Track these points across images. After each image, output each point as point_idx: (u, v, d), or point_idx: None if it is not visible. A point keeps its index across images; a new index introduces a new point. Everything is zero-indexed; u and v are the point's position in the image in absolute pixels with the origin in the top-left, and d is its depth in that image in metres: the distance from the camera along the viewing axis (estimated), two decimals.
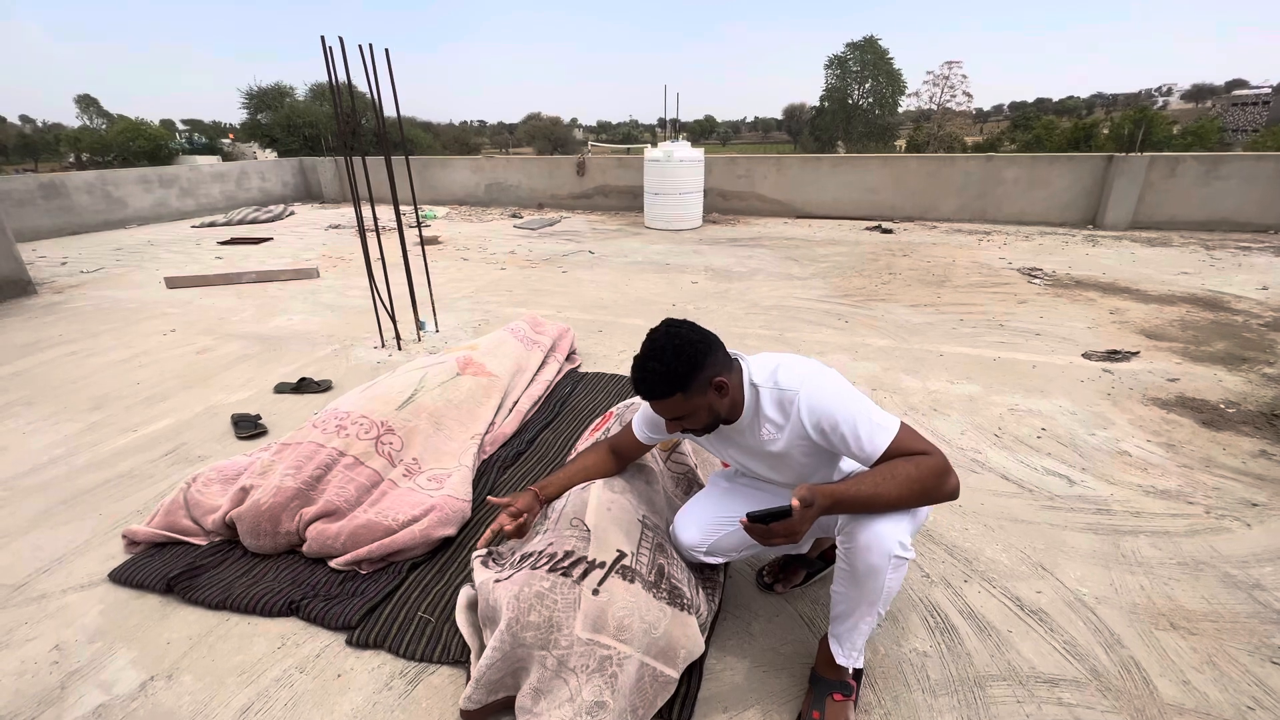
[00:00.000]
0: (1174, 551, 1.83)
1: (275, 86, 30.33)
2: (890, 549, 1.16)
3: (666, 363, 1.20)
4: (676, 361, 1.20)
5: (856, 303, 4.51)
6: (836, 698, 1.30)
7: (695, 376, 1.22)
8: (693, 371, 1.21)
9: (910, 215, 8.65)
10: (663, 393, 1.23)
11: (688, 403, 1.24)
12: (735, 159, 9.59)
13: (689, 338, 1.24)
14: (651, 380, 1.22)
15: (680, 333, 1.25)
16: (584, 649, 1.24)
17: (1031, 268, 5.52)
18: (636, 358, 1.25)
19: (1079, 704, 1.35)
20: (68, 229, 8.33)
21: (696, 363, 1.22)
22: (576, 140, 56.57)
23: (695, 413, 1.27)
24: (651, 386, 1.23)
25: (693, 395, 1.23)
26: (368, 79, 3.15)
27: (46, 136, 49.66)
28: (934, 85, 41.84)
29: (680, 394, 1.23)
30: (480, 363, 2.69)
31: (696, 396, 1.24)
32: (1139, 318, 4.06)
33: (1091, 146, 25.69)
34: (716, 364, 1.26)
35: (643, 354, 1.24)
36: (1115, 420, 2.65)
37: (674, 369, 1.20)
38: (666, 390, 1.22)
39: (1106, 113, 62.40)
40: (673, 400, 1.24)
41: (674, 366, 1.20)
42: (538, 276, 5.49)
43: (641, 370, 1.23)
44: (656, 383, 1.22)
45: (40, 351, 3.70)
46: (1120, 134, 24.50)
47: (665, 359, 1.21)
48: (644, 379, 1.23)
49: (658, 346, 1.23)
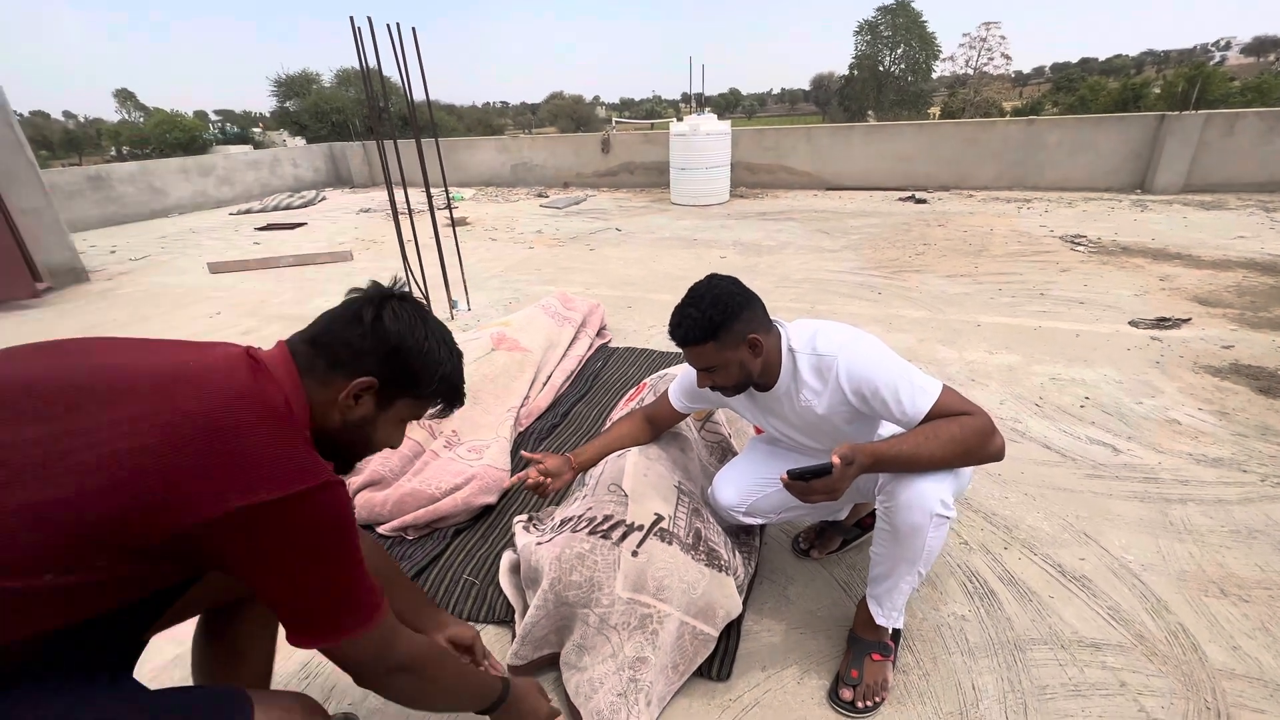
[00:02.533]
0: (1226, 519, 1.77)
1: (302, 73, 30.71)
2: (932, 507, 1.15)
3: (703, 310, 1.22)
4: (713, 310, 1.22)
5: (889, 274, 4.42)
6: (875, 658, 1.31)
7: (729, 327, 1.23)
8: (727, 321, 1.23)
9: (945, 184, 8.38)
10: (696, 338, 1.24)
11: (719, 354, 1.25)
12: (763, 131, 9.40)
13: (729, 289, 1.26)
14: (687, 325, 1.24)
15: (721, 284, 1.27)
16: (625, 607, 1.28)
17: (1075, 235, 5.31)
18: (678, 306, 1.28)
19: (1124, 667, 1.34)
20: (114, 219, 8.65)
21: (732, 314, 1.23)
22: (599, 118, 56.06)
23: (727, 366, 1.28)
24: (686, 331, 1.24)
25: (725, 347, 1.25)
26: (396, 60, 3.17)
27: (89, 131, 51.40)
28: (970, 48, 40.08)
29: (713, 343, 1.24)
30: (513, 339, 2.73)
31: (729, 350, 1.25)
32: (1191, 284, 3.88)
33: (1141, 108, 24.35)
34: (753, 321, 1.27)
35: (683, 301, 1.27)
36: (1164, 388, 2.56)
37: (710, 316, 1.22)
38: (700, 336, 1.24)
39: (1158, 71, 58.92)
40: (705, 348, 1.25)
41: (710, 314, 1.22)
42: (566, 255, 5.51)
43: (680, 314, 1.26)
44: (691, 327, 1.24)
45: (97, 334, 3.88)
46: (1173, 92, 23.11)
47: (702, 306, 1.23)
48: (680, 323, 1.25)
49: (697, 294, 1.25)
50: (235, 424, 0.65)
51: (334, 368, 0.79)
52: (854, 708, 1.26)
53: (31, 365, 0.67)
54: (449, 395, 0.91)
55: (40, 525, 0.57)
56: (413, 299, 0.88)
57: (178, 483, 0.61)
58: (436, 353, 0.85)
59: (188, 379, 0.67)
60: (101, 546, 0.59)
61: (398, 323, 0.81)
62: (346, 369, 0.79)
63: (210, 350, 0.75)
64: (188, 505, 0.61)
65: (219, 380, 0.68)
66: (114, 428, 0.61)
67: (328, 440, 0.80)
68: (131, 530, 0.60)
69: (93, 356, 0.69)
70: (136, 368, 0.68)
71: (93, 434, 0.60)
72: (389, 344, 0.80)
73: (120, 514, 0.59)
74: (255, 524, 0.63)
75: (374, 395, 0.81)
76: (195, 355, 0.73)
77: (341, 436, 0.81)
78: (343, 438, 0.82)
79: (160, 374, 0.67)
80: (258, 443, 0.65)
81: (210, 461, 0.62)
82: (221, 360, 0.72)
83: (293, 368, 0.77)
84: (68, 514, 0.58)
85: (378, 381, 0.80)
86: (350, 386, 0.78)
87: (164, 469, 0.61)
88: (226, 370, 0.70)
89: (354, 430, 0.82)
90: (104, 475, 0.59)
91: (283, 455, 0.67)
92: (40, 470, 0.58)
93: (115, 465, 0.59)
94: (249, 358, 0.74)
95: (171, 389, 0.65)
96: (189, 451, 0.62)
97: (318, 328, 0.82)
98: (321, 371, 0.78)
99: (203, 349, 0.76)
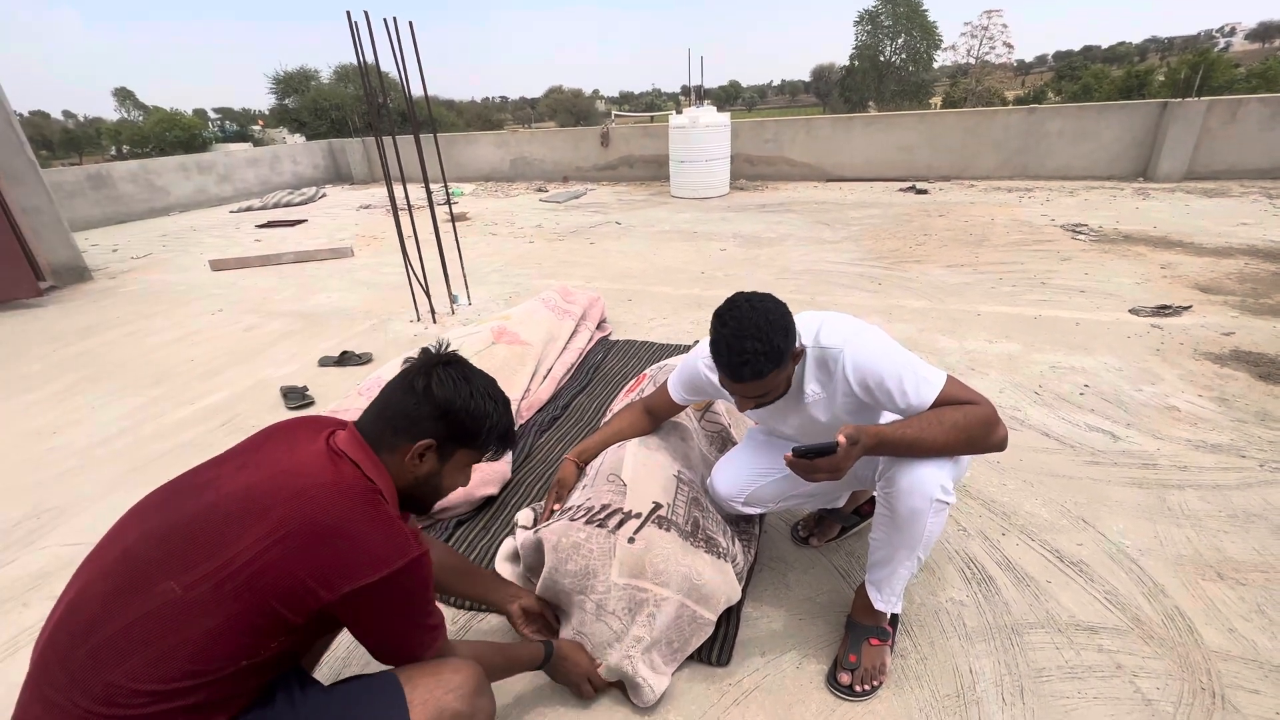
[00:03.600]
0: (1224, 504, 1.78)
1: (301, 70, 30.61)
2: (932, 492, 1.16)
3: (766, 340, 1.10)
4: (775, 336, 1.11)
5: (890, 265, 4.41)
6: (873, 642, 1.32)
7: (789, 350, 1.15)
8: (790, 344, 1.15)
9: (946, 174, 8.35)
10: (767, 371, 1.12)
11: (777, 377, 1.16)
12: (762, 122, 9.36)
13: (777, 309, 1.15)
14: (756, 362, 1.11)
15: (766, 306, 1.14)
16: (620, 593, 1.30)
17: (1076, 224, 5.29)
18: (724, 340, 1.13)
19: (1120, 650, 1.35)
20: (115, 218, 8.67)
21: (791, 334, 1.15)
22: (599, 112, 55.80)
23: (779, 383, 1.20)
24: (758, 368, 1.11)
25: (782, 369, 1.16)
26: (394, 54, 3.17)
27: (88, 130, 51.36)
28: (972, 37, 39.74)
29: (776, 369, 1.14)
30: (514, 332, 2.74)
31: (785, 370, 1.17)
32: (1192, 271, 3.87)
33: (1145, 95, 24.13)
34: (796, 334, 1.20)
35: (733, 334, 1.12)
36: (1164, 376, 2.56)
37: (775, 345, 1.11)
38: (770, 368, 1.12)
39: (1162, 58, 58.41)
40: (769, 378, 1.15)
41: (777, 344, 1.11)
42: (565, 249, 5.51)
43: (740, 354, 1.11)
44: (762, 363, 1.11)
45: (101, 332, 3.91)
46: (1176, 80, 22.93)
47: (764, 337, 1.10)
48: (746, 362, 1.11)
49: (748, 325, 1.11)
50: (337, 521, 0.81)
51: (398, 435, 0.94)
52: (852, 691, 1.28)
53: (168, 515, 0.83)
54: (500, 442, 1.04)
55: (223, 636, 0.77)
56: (458, 361, 1.00)
57: (304, 579, 0.79)
58: (483, 407, 0.98)
59: (291, 491, 0.82)
60: (271, 634, 0.80)
61: (444, 388, 0.94)
62: (408, 434, 0.94)
63: (298, 450, 0.89)
64: (314, 595, 0.80)
65: (313, 486, 0.83)
66: (248, 553, 0.77)
67: (407, 494, 0.98)
68: (286, 619, 0.80)
69: (207, 492, 0.84)
70: (247, 494, 0.82)
71: (236, 562, 0.77)
72: (440, 408, 0.94)
73: (274, 611, 0.79)
74: (361, 597, 0.82)
75: (435, 452, 0.96)
76: (288, 461, 0.87)
77: (415, 490, 0.98)
78: (416, 491, 0.99)
79: (266, 492, 0.82)
80: (356, 533, 0.82)
81: (322, 560, 0.80)
82: (311, 462, 0.87)
83: (365, 446, 0.93)
84: (243, 624, 0.77)
85: (435, 441, 0.95)
86: (413, 449, 0.94)
87: (291, 572, 0.79)
88: (317, 471, 0.85)
89: (424, 483, 0.98)
90: (253, 592, 0.77)
91: (377, 539, 0.84)
92: (211, 600, 0.76)
93: (258, 582, 0.77)
94: (331, 451, 0.89)
95: (281, 506, 0.81)
96: (306, 554, 0.79)
97: (381, 402, 0.97)
98: (389, 441, 0.94)
99: (292, 449, 0.90)
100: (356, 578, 0.81)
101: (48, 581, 1.76)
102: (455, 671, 0.94)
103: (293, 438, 0.93)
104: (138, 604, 0.75)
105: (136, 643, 0.73)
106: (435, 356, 1.00)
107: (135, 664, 0.73)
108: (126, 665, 0.72)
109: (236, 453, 0.93)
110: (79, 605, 0.77)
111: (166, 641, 0.74)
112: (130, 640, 0.73)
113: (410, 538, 0.87)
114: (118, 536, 0.84)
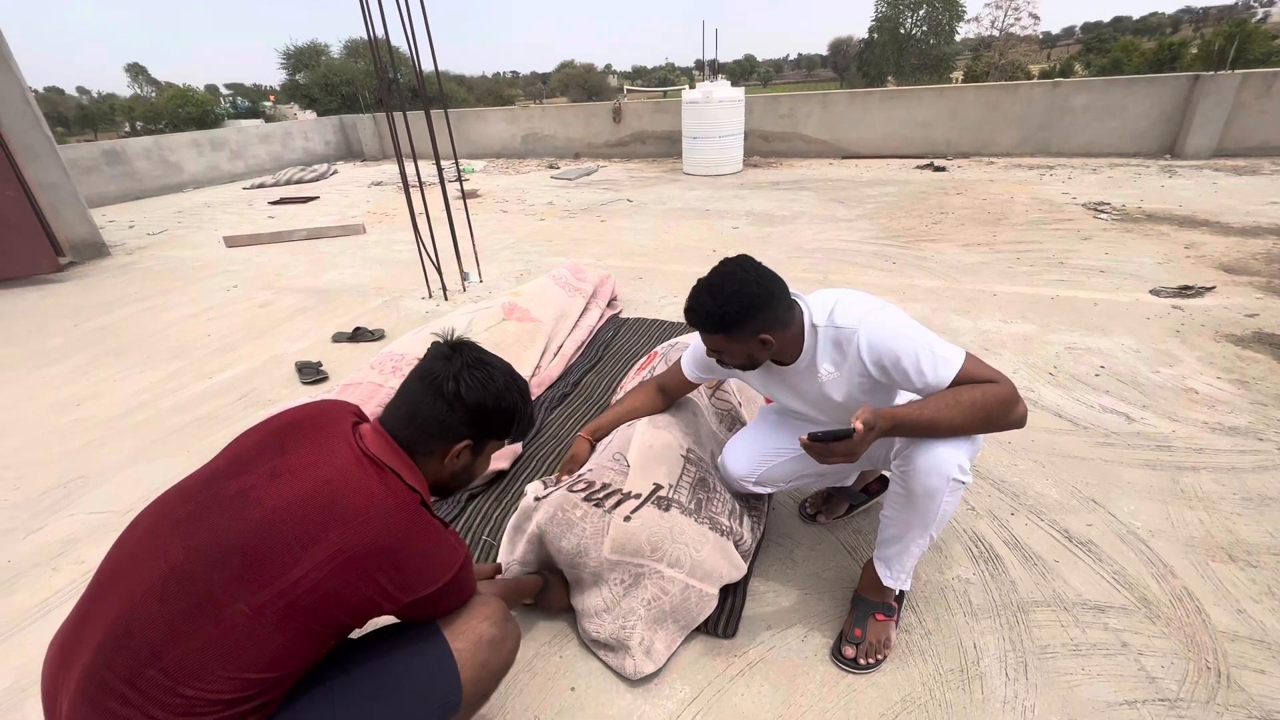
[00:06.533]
0: (1238, 487, 1.76)
1: (311, 45, 30.40)
2: (949, 472, 1.15)
3: (719, 303, 1.20)
4: (727, 306, 1.20)
5: (905, 244, 4.35)
6: (879, 618, 1.34)
7: (742, 326, 1.22)
8: (741, 320, 1.21)
9: (966, 151, 8.16)
10: (707, 328, 1.25)
11: (728, 343, 1.26)
12: (777, 98, 9.18)
13: (750, 287, 1.21)
14: (700, 313, 1.23)
15: (745, 276, 1.22)
16: (613, 569, 1.34)
17: (1098, 202, 5.17)
18: (698, 283, 1.25)
19: (1126, 629, 1.36)
20: (131, 194, 8.74)
21: (747, 314, 1.21)
22: (611, 87, 54.94)
23: (734, 354, 1.29)
24: (698, 318, 1.25)
25: (734, 341, 1.25)
26: (404, 29, 3.13)
27: (102, 107, 51.50)
28: (996, 8, 38.37)
29: (722, 334, 1.24)
30: (524, 309, 2.75)
31: (738, 342, 1.25)
32: (1218, 251, 3.78)
33: (1177, 69, 23.28)
34: (771, 320, 1.23)
35: (703, 283, 1.24)
36: (1183, 357, 2.52)
37: (723, 312, 1.20)
38: (710, 327, 1.24)
39: (1196, 29, 56.19)
40: (715, 337, 1.27)
41: (724, 310, 1.20)
42: (577, 226, 5.48)
43: (695, 299, 1.24)
44: (704, 318, 1.23)
45: (121, 307, 3.98)
46: (1209, 51, 22.07)
47: (719, 298, 1.20)
48: (694, 309, 1.25)
49: (715, 284, 1.22)
50: (396, 543, 0.86)
51: (434, 440, 0.99)
52: (856, 664, 1.30)
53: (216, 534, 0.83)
54: (524, 431, 1.11)
55: (292, 647, 0.82)
56: (477, 359, 1.02)
57: (370, 595, 0.85)
58: (513, 401, 1.03)
59: (345, 512, 0.85)
60: (334, 638, 0.87)
61: (474, 392, 0.99)
62: (444, 439, 0.99)
63: (331, 454, 0.90)
64: (378, 607, 0.86)
65: (365, 508, 0.86)
66: (312, 576, 0.81)
67: (440, 486, 1.06)
68: (349, 626, 0.87)
69: (249, 508, 0.85)
70: (296, 511, 0.84)
71: (302, 585, 0.81)
72: (472, 412, 0.99)
73: (340, 622, 0.85)
74: (419, 603, 0.91)
75: (470, 449, 1.02)
76: (326, 469, 0.88)
77: (450, 483, 1.07)
78: (451, 483, 1.07)
79: (317, 508, 0.84)
80: (415, 552, 0.88)
81: (386, 580, 0.86)
82: (352, 474, 0.88)
83: (399, 450, 0.97)
84: (313, 635, 0.83)
85: (472, 440, 1.01)
86: (453, 451, 0.99)
87: (357, 591, 0.84)
88: (363, 487, 0.87)
89: (459, 475, 1.07)
90: (322, 608, 0.82)
91: (433, 554, 0.91)
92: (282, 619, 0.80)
93: (326, 601, 0.82)
94: (366, 457, 0.91)
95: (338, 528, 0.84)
96: (370, 576, 0.84)
97: (408, 410, 0.99)
98: (425, 446, 0.99)
99: (324, 451, 0.91)
100: (418, 590, 0.89)
101: (75, 547, 1.83)
102: (484, 604, 1.03)
103: (319, 435, 0.93)
104: (209, 626, 0.78)
105: (213, 662, 0.77)
106: (457, 357, 1.01)
107: (212, 680, 0.77)
108: (204, 681, 0.77)
109: (259, 454, 0.92)
110: (135, 627, 0.78)
111: (242, 658, 0.79)
112: (208, 659, 0.77)
113: (455, 543, 0.95)
114: (155, 549, 0.83)
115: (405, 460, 0.96)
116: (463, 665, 0.95)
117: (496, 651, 1.01)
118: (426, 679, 0.94)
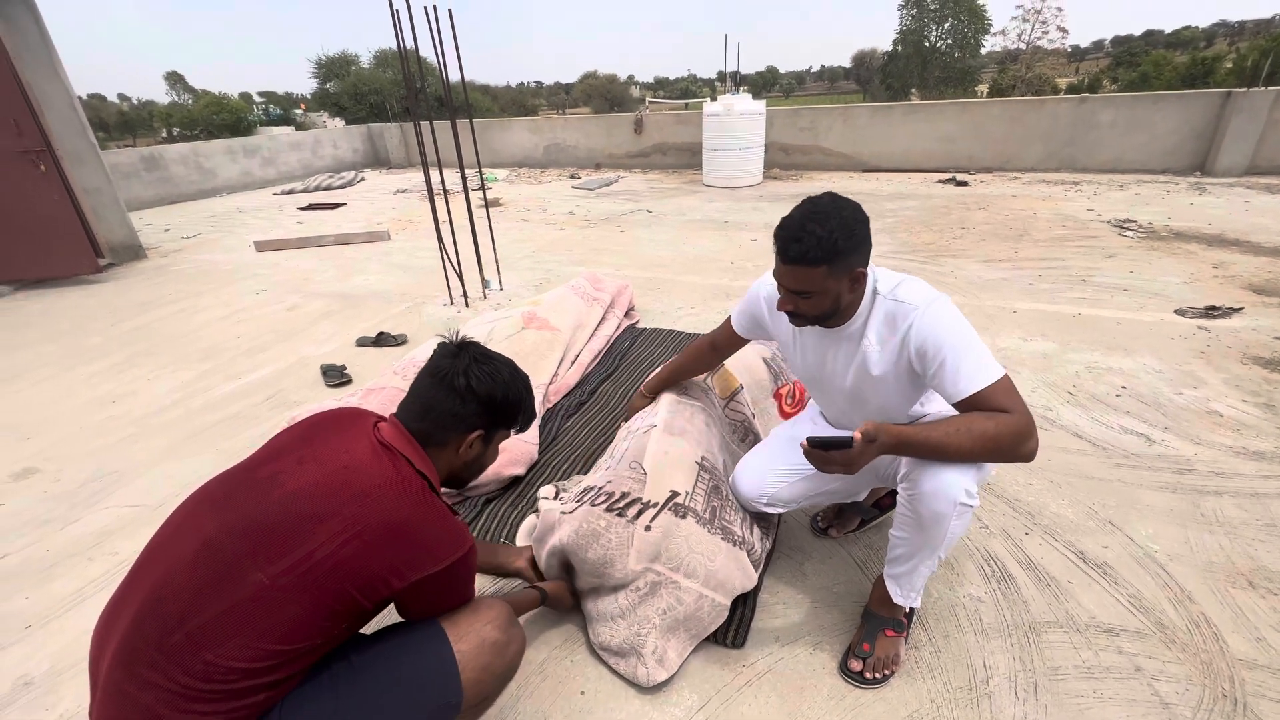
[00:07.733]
0: (1261, 513, 1.73)
1: (341, 55, 31.19)
2: (956, 497, 1.13)
3: (829, 230, 1.12)
4: (840, 233, 1.12)
5: (924, 258, 4.33)
6: (889, 633, 1.34)
7: (849, 256, 1.15)
8: (851, 250, 1.15)
9: (989, 166, 8.09)
10: (813, 259, 1.14)
11: (824, 281, 1.17)
12: (798, 110, 9.19)
13: (856, 215, 1.16)
14: (808, 242, 1.12)
15: (848, 207, 1.16)
16: (637, 578, 1.35)
17: (1124, 219, 5.09)
18: (793, 216, 1.16)
19: (1140, 653, 1.34)
20: (167, 199, 9.03)
21: (855, 243, 1.15)
22: (633, 98, 55.43)
23: (825, 294, 1.19)
24: (806, 249, 1.13)
25: (832, 275, 1.16)
26: (433, 41, 3.22)
27: (141, 113, 53.30)
28: (1024, 21, 38.06)
29: (826, 267, 1.15)
30: (544, 318, 2.80)
31: (834, 279, 1.17)
32: (1247, 271, 3.70)
33: (1210, 84, 22.82)
34: (865, 255, 1.19)
35: (801, 214, 1.16)
36: (1207, 379, 2.48)
37: (834, 240, 1.12)
38: (817, 258, 1.13)
39: (1230, 44, 55.04)
40: (816, 271, 1.15)
41: (836, 237, 1.12)
42: (596, 236, 5.55)
43: (799, 229, 1.14)
44: (813, 246, 1.12)
45: (155, 309, 4.12)
46: (1244, 66, 21.59)
47: (829, 226, 1.12)
48: (799, 239, 1.13)
49: (822, 211, 1.14)
50: (404, 520, 0.91)
51: (447, 431, 1.06)
52: (863, 678, 1.30)
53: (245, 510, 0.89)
54: (528, 421, 1.18)
55: (306, 620, 0.86)
56: (481, 354, 1.10)
57: (379, 571, 0.89)
58: (517, 391, 1.11)
59: (358, 490, 0.91)
60: (345, 618, 0.91)
61: (483, 384, 1.06)
62: (457, 430, 1.06)
63: (351, 445, 0.97)
64: (387, 584, 0.91)
65: (378, 486, 0.92)
66: (326, 547, 0.86)
67: (452, 476, 1.12)
68: (360, 604, 0.90)
69: (276, 489, 0.91)
70: (316, 490, 0.91)
71: (316, 556, 0.86)
72: (483, 403, 1.07)
73: (351, 598, 0.89)
74: (424, 584, 0.94)
75: (481, 438, 1.09)
76: (346, 456, 0.95)
77: (462, 473, 1.14)
78: (463, 474, 1.14)
79: (335, 488, 0.91)
80: (422, 530, 0.93)
81: (394, 554, 0.91)
82: (369, 459, 0.95)
83: (412, 441, 1.03)
84: (324, 610, 0.87)
85: (484, 430, 1.09)
86: (465, 440, 1.07)
87: (367, 565, 0.89)
88: (377, 470, 0.94)
89: (471, 464, 1.14)
90: (334, 581, 0.87)
91: (439, 534, 0.95)
92: (297, 588, 0.85)
93: (338, 573, 0.87)
94: (381, 446, 0.98)
95: (352, 504, 0.90)
96: (380, 549, 0.89)
97: (421, 405, 1.06)
98: (439, 437, 1.06)
99: (345, 442, 0.98)
100: (423, 568, 0.93)
101: (110, 539, 1.90)
102: (489, 608, 1.07)
103: (342, 430, 1.00)
104: (229, 593, 0.83)
105: (232, 627, 0.82)
106: (464, 354, 1.08)
107: (231, 646, 0.81)
108: (223, 647, 0.81)
109: (290, 445, 1.00)
110: (167, 595, 0.83)
111: (258, 626, 0.83)
112: (227, 625, 0.82)
113: (462, 530, 0.99)
114: (193, 527, 0.90)
115: (417, 449, 1.02)
116: (464, 667, 0.98)
117: (500, 655, 1.03)
118: (427, 677, 0.97)
